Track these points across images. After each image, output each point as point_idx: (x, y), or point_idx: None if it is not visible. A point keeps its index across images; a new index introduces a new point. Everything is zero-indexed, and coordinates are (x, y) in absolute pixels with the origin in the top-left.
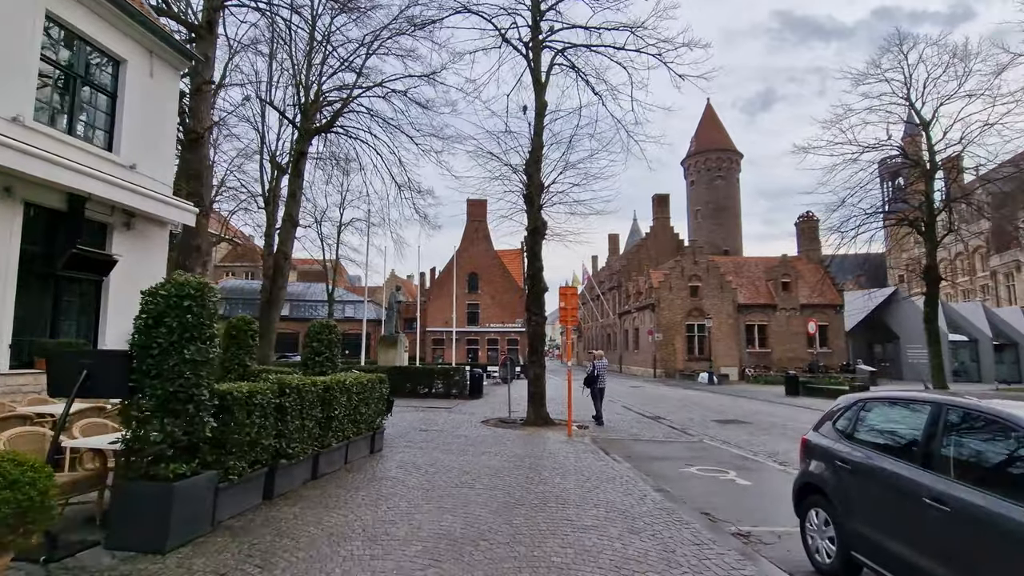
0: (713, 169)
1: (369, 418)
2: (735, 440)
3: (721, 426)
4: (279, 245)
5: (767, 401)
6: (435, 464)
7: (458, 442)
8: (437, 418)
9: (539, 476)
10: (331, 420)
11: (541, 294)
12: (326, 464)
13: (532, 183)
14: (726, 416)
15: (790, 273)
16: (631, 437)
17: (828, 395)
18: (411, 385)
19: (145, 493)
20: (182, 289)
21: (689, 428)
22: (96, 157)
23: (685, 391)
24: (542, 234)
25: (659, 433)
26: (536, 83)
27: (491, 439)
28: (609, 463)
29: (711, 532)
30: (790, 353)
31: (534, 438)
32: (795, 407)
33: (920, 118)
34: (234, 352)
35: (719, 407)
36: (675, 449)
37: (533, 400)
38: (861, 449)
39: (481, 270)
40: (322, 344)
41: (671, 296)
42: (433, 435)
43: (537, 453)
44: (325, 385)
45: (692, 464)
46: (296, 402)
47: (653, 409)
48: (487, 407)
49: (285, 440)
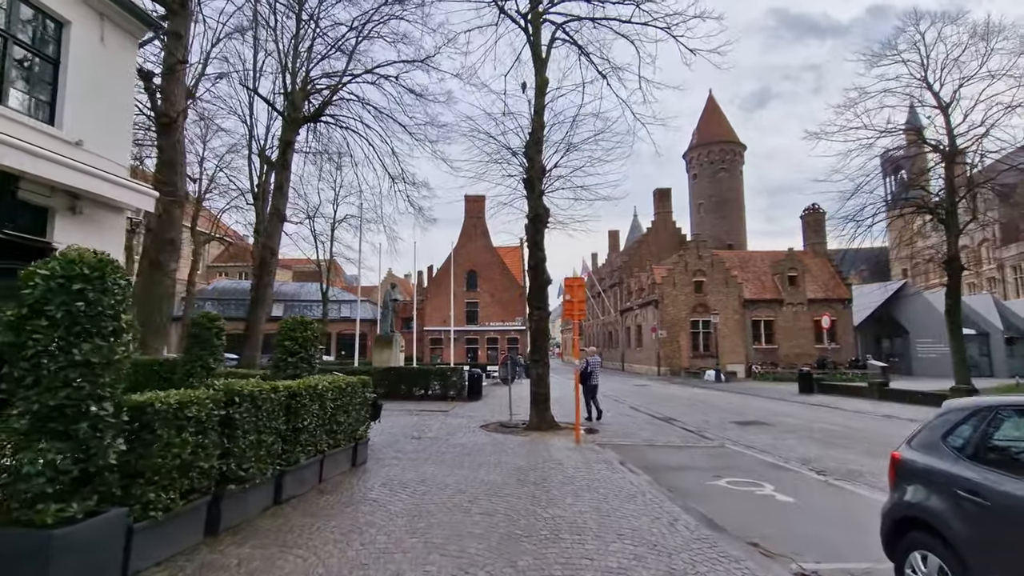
0: (716, 162)
1: (350, 427)
2: (759, 444)
3: (741, 428)
4: (265, 240)
5: (781, 400)
6: (425, 481)
7: (453, 452)
8: (432, 423)
9: (547, 495)
10: (299, 432)
11: (544, 287)
12: (294, 485)
13: (533, 166)
14: (743, 417)
15: (796, 267)
16: (645, 443)
17: (844, 392)
18: (406, 387)
19: (12, 546)
20: (71, 268)
21: (706, 431)
22: (34, 131)
23: (693, 390)
24: (544, 222)
25: (674, 437)
26: (536, 59)
27: (490, 447)
28: (626, 476)
29: (769, 574)
30: (797, 349)
31: (538, 445)
32: (812, 406)
33: (938, 100)
34: (196, 353)
35: (732, 407)
36: (696, 457)
37: (536, 402)
38: (1004, 477)
39: (480, 267)
40: (296, 343)
41: (675, 292)
42: (426, 443)
43: (543, 464)
44: (290, 391)
45: (720, 475)
46: (250, 413)
47: (663, 410)
48: (486, 410)
49: (235, 460)
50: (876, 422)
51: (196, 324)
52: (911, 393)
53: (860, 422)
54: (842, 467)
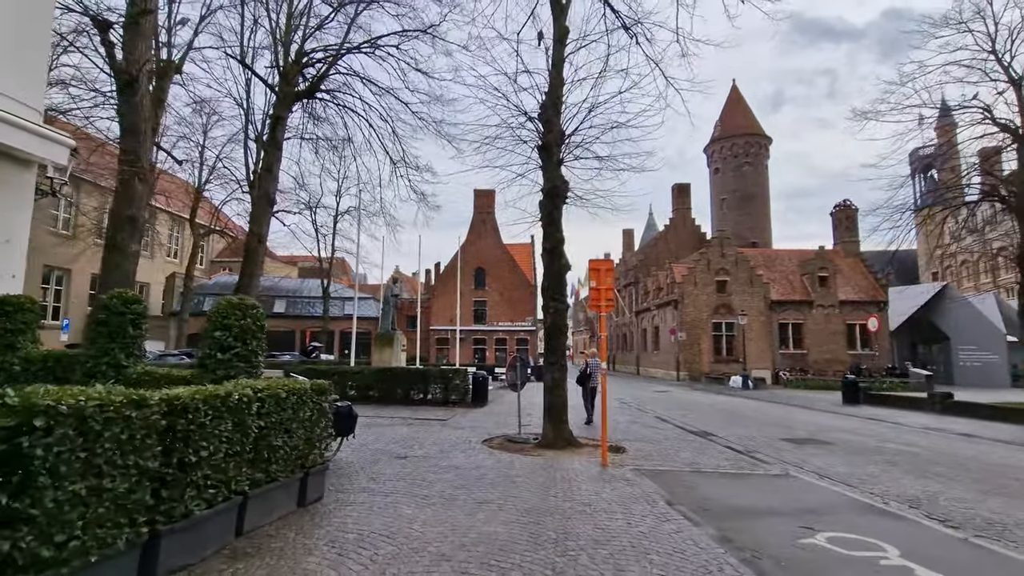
0: (740, 155)
1: (294, 452)
2: (832, 472)
3: (797, 448)
4: (252, 226)
5: (826, 411)
6: (396, 535)
7: (445, 480)
8: (426, 435)
9: (575, 567)
10: (191, 468)
11: (562, 274)
12: (180, 549)
13: (551, 130)
14: (792, 432)
15: (827, 266)
16: (688, 467)
17: (896, 404)
18: (403, 390)
19: None
20: None
21: (755, 450)
22: None
23: (719, 397)
24: (563, 195)
25: (722, 460)
26: (554, 4)
27: (494, 474)
28: (683, 529)
29: None
30: (828, 355)
31: (556, 472)
32: (867, 420)
33: (1009, 73)
34: (103, 347)
35: (773, 419)
36: (762, 491)
37: (552, 414)
38: None
39: (489, 265)
40: (229, 334)
41: (696, 291)
42: (412, 465)
43: (565, 505)
44: (172, 404)
45: (810, 525)
46: (69, 446)
47: (694, 421)
48: (491, 419)
49: (34, 532)
50: (957, 443)
51: (105, 308)
52: (977, 406)
53: (937, 442)
54: (969, 512)
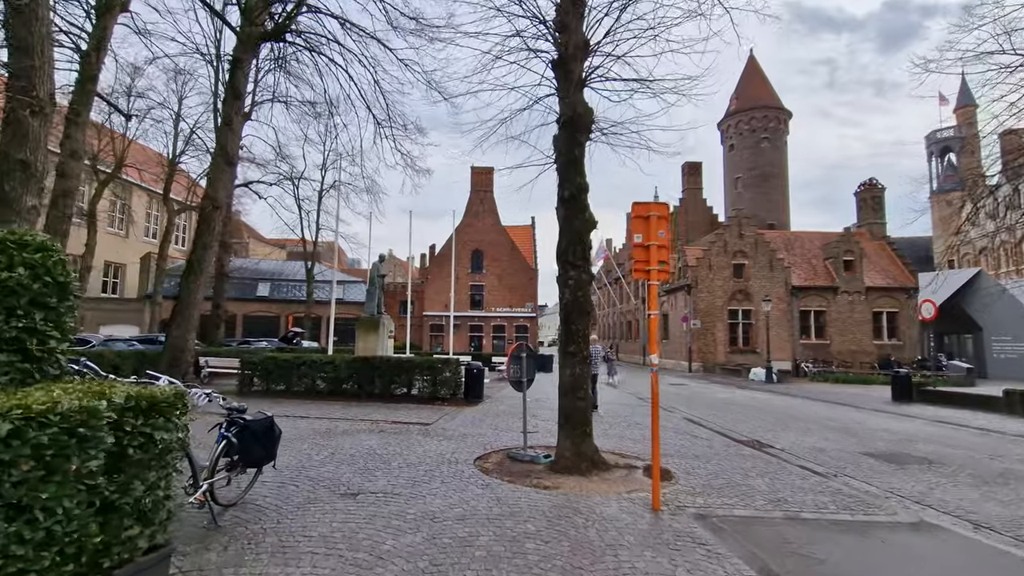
0: (758, 130)
1: (70, 542)
2: (983, 513)
3: (899, 471)
4: (208, 189)
5: (881, 412)
6: None
7: (408, 551)
8: (399, 450)
9: None
10: None
11: (586, 232)
12: None
13: (570, 39)
14: (871, 444)
15: (853, 250)
16: (778, 508)
17: (957, 403)
18: (382, 383)
19: None
20: None
21: (849, 474)
22: None
23: (743, 391)
24: (585, 128)
25: (813, 493)
26: None
27: (486, 532)
28: None
29: None
30: (852, 345)
31: (585, 525)
32: (941, 424)
33: None
34: None
35: (825, 421)
36: (909, 559)
37: (570, 423)
38: None
39: (486, 247)
40: None
41: (711, 276)
42: (363, 513)
43: None
44: None
45: None
46: None
47: (736, 424)
48: (487, 422)
49: None
50: None
51: None
52: None
53: None
54: None
